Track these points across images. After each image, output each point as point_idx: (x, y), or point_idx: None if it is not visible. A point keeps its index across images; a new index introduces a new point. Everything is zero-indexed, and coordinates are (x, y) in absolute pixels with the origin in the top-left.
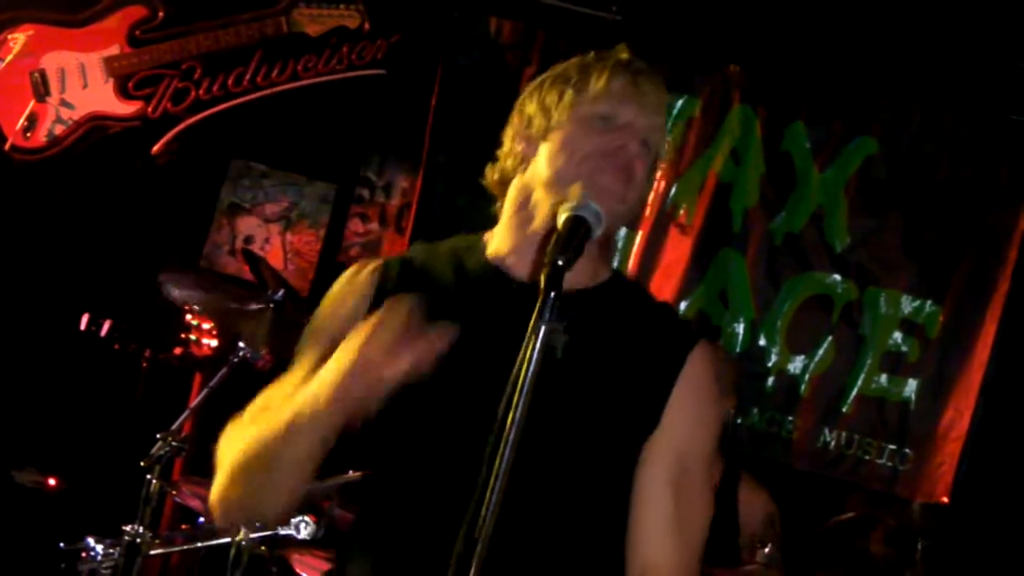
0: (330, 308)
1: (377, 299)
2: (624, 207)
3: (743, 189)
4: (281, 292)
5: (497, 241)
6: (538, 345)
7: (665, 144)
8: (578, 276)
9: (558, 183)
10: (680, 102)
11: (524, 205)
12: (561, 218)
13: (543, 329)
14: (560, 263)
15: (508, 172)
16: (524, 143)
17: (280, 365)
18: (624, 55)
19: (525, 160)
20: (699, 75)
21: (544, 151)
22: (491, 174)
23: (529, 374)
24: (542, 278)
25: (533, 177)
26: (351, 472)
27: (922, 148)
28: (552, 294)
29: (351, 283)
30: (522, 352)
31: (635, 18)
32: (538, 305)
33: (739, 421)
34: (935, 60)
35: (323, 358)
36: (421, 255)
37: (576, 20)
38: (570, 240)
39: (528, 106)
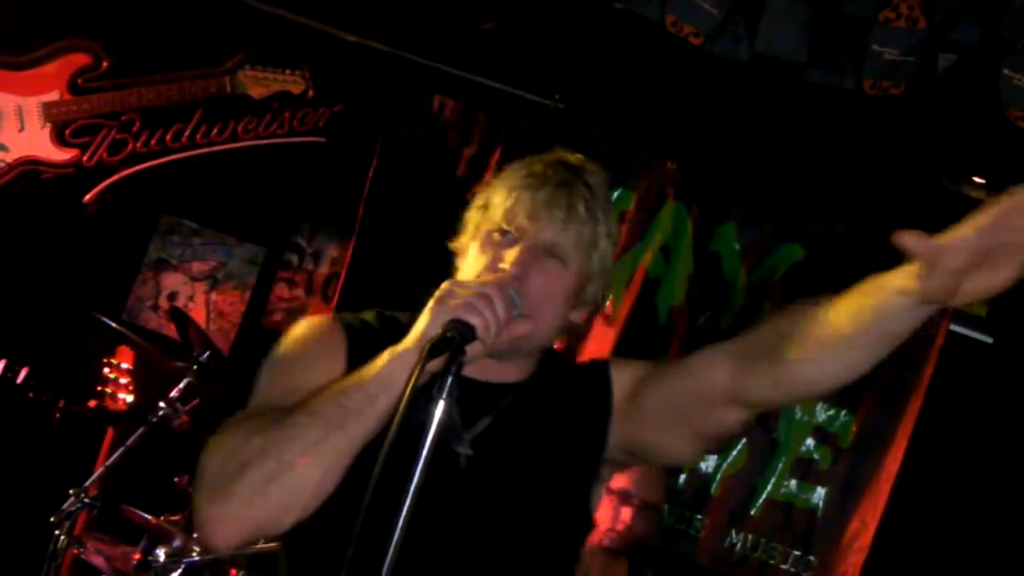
0: (298, 346)
1: (353, 350)
2: (502, 326)
3: (670, 286)
4: (207, 354)
5: None
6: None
7: (582, 248)
8: (505, 373)
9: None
10: (615, 194)
11: None
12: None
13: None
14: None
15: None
16: (457, 255)
17: (198, 426)
18: (539, 168)
19: (458, 269)
20: (636, 169)
21: (462, 264)
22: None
23: (424, 451)
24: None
25: None
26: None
27: (847, 258)
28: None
29: (319, 328)
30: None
31: (577, 108)
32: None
33: None
34: (864, 172)
35: (292, 389)
36: (377, 324)
37: (520, 105)
38: (447, 367)
39: (467, 215)
